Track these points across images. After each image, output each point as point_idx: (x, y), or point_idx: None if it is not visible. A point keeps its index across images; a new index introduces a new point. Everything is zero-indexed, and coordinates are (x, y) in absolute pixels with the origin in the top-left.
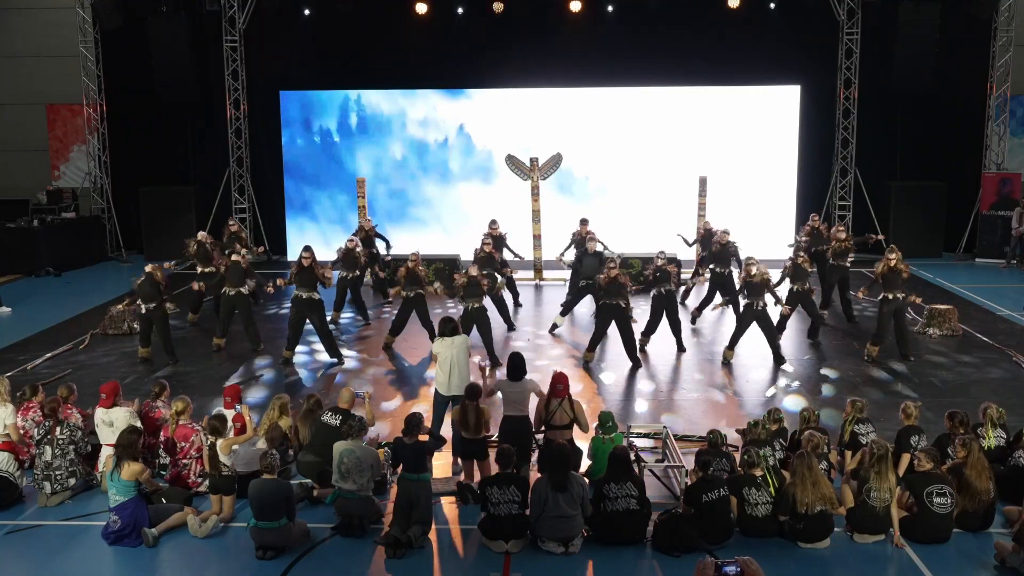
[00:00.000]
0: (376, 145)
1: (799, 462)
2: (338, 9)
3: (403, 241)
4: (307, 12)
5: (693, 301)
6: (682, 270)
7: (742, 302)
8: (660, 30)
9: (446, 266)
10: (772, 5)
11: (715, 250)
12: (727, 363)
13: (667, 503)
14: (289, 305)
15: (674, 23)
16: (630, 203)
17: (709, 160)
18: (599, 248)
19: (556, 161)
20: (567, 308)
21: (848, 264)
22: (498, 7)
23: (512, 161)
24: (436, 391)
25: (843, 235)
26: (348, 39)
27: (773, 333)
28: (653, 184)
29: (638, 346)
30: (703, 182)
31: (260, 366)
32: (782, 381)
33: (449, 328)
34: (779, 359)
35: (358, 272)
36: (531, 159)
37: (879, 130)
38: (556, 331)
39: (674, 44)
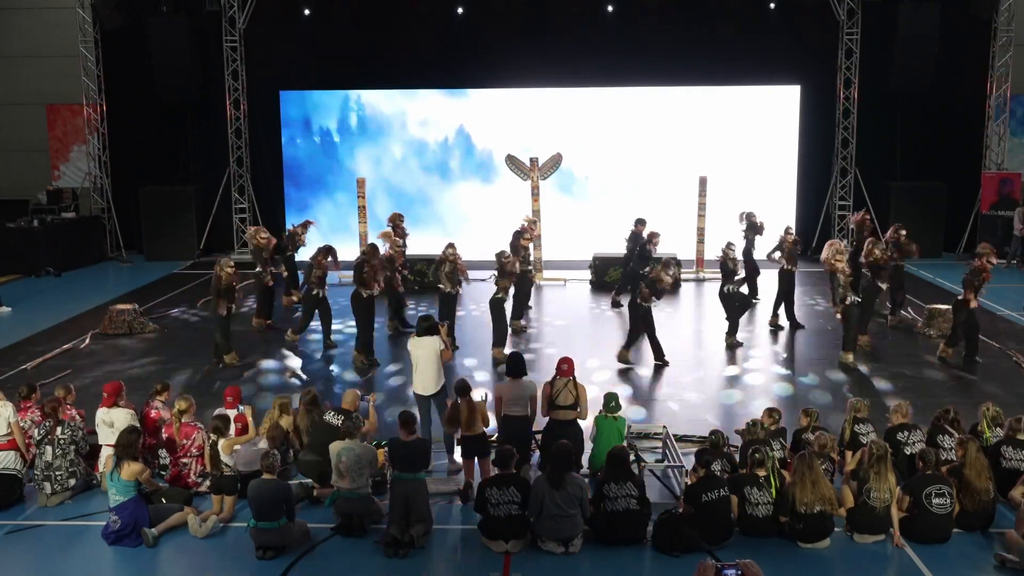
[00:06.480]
0: (376, 145)
1: (799, 462)
2: (338, 9)
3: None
4: (307, 12)
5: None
6: (682, 269)
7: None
8: (660, 30)
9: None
10: (772, 5)
11: (788, 249)
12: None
13: (667, 503)
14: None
15: (674, 23)
16: (631, 203)
17: (709, 160)
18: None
19: (556, 161)
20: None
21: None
22: None
23: (512, 161)
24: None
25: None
26: (348, 39)
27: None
28: (653, 184)
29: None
30: (703, 182)
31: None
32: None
33: (422, 328)
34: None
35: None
36: (531, 159)
37: (879, 130)
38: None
39: (674, 44)
